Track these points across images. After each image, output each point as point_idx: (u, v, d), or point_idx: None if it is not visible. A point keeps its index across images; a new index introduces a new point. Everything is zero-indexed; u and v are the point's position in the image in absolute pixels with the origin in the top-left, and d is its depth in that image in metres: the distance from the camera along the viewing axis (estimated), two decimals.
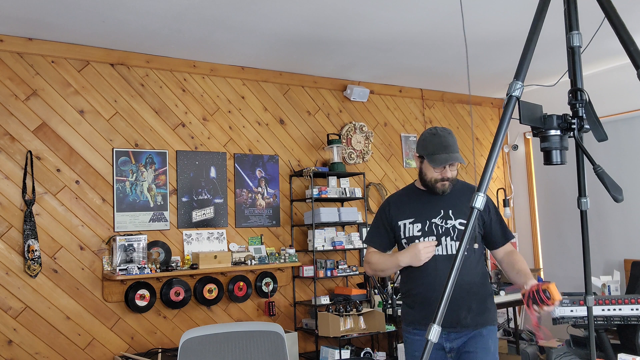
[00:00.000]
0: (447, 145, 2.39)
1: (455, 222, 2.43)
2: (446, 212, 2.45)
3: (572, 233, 5.43)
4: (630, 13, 3.64)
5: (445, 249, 2.41)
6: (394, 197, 2.62)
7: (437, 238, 2.40)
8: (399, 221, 2.50)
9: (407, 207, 2.51)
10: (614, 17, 1.42)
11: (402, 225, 2.49)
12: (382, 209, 2.60)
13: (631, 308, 3.49)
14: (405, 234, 2.47)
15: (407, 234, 2.46)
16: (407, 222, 2.48)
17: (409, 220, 2.48)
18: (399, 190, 2.72)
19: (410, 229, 2.46)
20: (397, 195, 2.64)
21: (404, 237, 2.48)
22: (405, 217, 2.49)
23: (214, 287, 4.19)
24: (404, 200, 2.56)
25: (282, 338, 2.32)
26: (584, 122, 1.49)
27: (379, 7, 3.46)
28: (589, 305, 1.62)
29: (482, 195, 1.33)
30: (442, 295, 1.33)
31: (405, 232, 2.47)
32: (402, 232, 2.48)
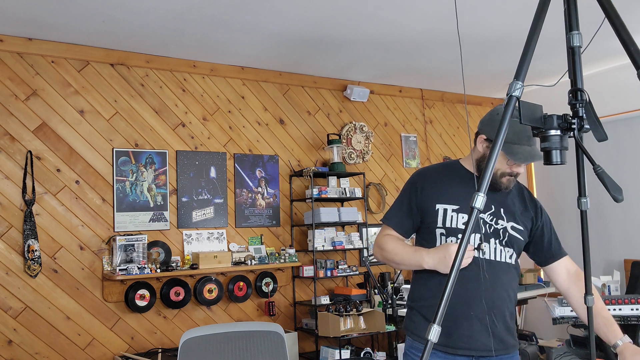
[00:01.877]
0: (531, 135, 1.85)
1: (507, 223, 1.99)
2: (497, 209, 1.99)
3: (572, 233, 5.41)
4: (630, 13, 3.64)
5: (493, 253, 1.96)
6: (430, 173, 2.08)
7: (483, 238, 1.94)
8: (438, 204, 1.97)
9: (449, 188, 1.99)
10: (614, 17, 1.42)
11: (440, 211, 1.96)
12: (411, 184, 2.06)
13: (631, 308, 3.49)
14: (445, 223, 1.95)
15: (447, 224, 1.95)
16: (449, 208, 1.96)
17: (453, 207, 1.95)
18: (436, 165, 2.17)
19: (453, 219, 1.95)
20: (435, 171, 2.09)
21: (442, 227, 1.96)
22: (446, 200, 1.97)
23: (214, 287, 4.19)
24: (445, 179, 2.03)
25: (282, 338, 2.32)
26: (584, 122, 1.48)
27: (379, 7, 3.46)
28: (589, 305, 1.61)
29: (482, 195, 1.32)
30: (443, 294, 1.33)
31: (444, 221, 1.96)
32: (439, 219, 1.96)
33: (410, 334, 2.02)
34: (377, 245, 2.10)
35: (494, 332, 1.90)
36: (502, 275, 1.95)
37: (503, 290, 1.95)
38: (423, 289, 2.01)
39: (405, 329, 2.07)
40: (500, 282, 1.93)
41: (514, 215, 2.01)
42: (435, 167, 2.13)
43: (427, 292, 1.98)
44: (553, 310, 3.67)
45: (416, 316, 2.01)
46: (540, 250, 2.08)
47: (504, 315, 1.94)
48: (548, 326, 5.25)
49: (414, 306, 2.04)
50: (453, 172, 2.05)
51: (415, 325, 2.00)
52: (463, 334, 1.90)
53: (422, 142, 5.68)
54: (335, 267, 4.74)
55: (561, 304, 3.66)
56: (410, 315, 2.05)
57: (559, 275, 2.05)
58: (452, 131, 5.92)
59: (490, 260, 1.94)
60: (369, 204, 5.20)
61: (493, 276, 1.90)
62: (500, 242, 1.97)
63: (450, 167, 2.09)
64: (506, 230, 1.98)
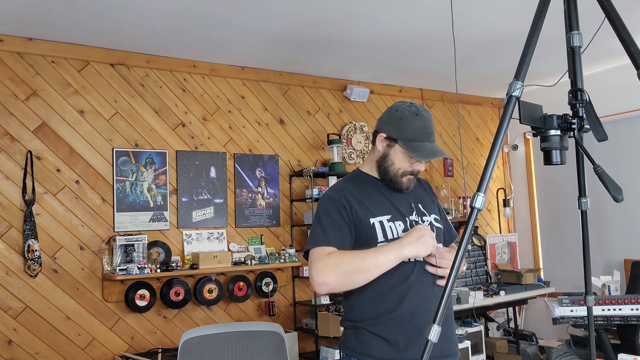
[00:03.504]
0: (431, 132, 1.88)
1: (430, 217, 1.96)
2: (417, 206, 1.95)
3: (572, 233, 5.43)
4: (630, 13, 3.64)
5: None
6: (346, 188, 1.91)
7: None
8: (371, 218, 1.84)
9: (371, 200, 1.90)
10: (614, 17, 1.42)
11: (377, 225, 1.84)
12: (336, 201, 1.86)
13: (631, 308, 3.49)
14: (387, 235, 1.84)
15: (389, 235, 1.84)
16: (384, 219, 1.86)
17: (387, 218, 1.86)
18: (345, 180, 1.99)
19: (392, 229, 1.85)
20: (350, 186, 1.93)
21: (385, 240, 1.83)
22: (376, 213, 1.86)
23: (214, 287, 4.19)
24: (363, 192, 1.91)
25: (282, 338, 2.33)
26: (584, 122, 1.49)
27: (379, 7, 3.46)
28: (589, 305, 1.62)
29: (482, 195, 1.32)
30: (443, 294, 1.33)
31: (385, 233, 1.84)
32: (379, 233, 1.83)
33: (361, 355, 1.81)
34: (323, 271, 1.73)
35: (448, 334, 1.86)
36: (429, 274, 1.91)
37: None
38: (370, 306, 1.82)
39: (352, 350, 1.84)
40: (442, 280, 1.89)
41: (430, 207, 1.99)
42: (347, 182, 1.97)
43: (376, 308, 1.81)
44: (553, 310, 3.67)
45: (365, 335, 1.81)
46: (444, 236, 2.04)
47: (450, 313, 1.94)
48: (548, 326, 5.25)
49: (360, 326, 1.83)
50: (363, 183, 1.95)
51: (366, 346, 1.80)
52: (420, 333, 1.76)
53: None
54: None
55: (561, 304, 3.66)
56: (358, 335, 1.83)
57: None
58: (452, 131, 5.92)
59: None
60: None
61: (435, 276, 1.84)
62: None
63: (360, 178, 1.98)
64: (432, 224, 1.94)
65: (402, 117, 1.86)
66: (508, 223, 6.16)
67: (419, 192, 2.00)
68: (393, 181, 1.90)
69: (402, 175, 1.89)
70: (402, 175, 1.89)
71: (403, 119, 1.86)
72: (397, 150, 1.87)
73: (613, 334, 4.36)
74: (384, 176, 1.92)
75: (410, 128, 1.84)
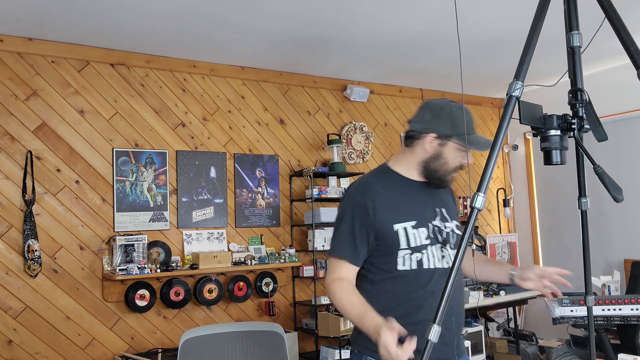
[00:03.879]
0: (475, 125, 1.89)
1: (452, 224, 1.91)
2: (441, 211, 1.90)
3: (572, 233, 5.43)
4: (630, 13, 3.64)
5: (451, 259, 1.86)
6: (371, 187, 1.85)
7: (441, 245, 1.85)
8: (395, 224, 1.79)
9: (398, 203, 1.83)
10: (614, 17, 1.42)
11: (400, 231, 1.79)
12: (358, 205, 1.81)
13: (631, 308, 3.49)
14: (410, 243, 1.79)
15: (412, 243, 1.79)
16: (408, 225, 1.80)
17: (411, 224, 1.81)
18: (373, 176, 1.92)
19: (416, 236, 1.80)
20: (376, 184, 1.86)
21: (407, 247, 1.79)
22: (401, 218, 1.80)
23: (214, 287, 4.19)
24: (389, 192, 1.84)
25: (282, 338, 2.32)
26: (584, 122, 1.48)
27: (379, 7, 3.46)
28: (589, 305, 1.61)
29: (482, 196, 1.32)
30: (443, 294, 1.33)
31: (409, 241, 1.79)
32: (402, 241, 1.79)
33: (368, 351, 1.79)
34: (326, 289, 1.84)
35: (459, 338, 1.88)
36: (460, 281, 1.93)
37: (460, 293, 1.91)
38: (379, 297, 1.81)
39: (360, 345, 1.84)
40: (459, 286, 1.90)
41: (452, 213, 1.95)
42: (372, 178, 1.90)
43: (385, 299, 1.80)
44: (553, 310, 3.67)
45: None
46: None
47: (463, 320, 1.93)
48: (548, 326, 5.25)
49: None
50: (392, 181, 1.89)
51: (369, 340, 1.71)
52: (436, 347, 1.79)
53: None
54: None
55: (561, 304, 3.66)
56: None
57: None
58: None
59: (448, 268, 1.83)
60: None
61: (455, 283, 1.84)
62: (451, 246, 1.87)
63: (388, 176, 1.91)
64: (454, 231, 1.91)
65: (450, 113, 1.83)
66: (508, 223, 6.16)
67: (444, 196, 1.97)
68: (442, 179, 1.86)
69: (452, 171, 1.87)
70: (452, 172, 1.87)
71: (452, 115, 1.82)
72: (451, 147, 1.83)
73: (613, 334, 4.36)
74: (431, 176, 1.87)
75: (461, 122, 1.80)
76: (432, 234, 1.84)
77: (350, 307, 1.74)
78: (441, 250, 1.84)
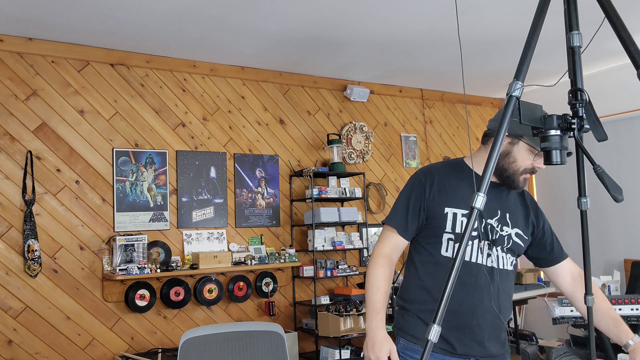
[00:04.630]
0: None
1: (512, 230, 1.92)
2: (503, 214, 1.91)
3: (572, 233, 5.42)
4: (630, 13, 3.64)
5: (497, 260, 1.87)
6: (437, 172, 1.93)
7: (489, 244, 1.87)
8: (447, 207, 1.86)
9: (457, 191, 1.88)
10: (614, 17, 1.42)
11: (450, 215, 1.86)
12: (419, 184, 1.91)
13: (631, 308, 3.49)
14: (455, 229, 1.85)
15: (457, 229, 1.85)
16: (459, 212, 1.85)
17: (463, 212, 1.85)
18: (442, 164, 2.01)
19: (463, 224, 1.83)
20: (442, 171, 1.94)
21: (451, 232, 1.85)
22: (455, 204, 1.86)
23: (214, 287, 4.19)
24: (453, 181, 1.91)
25: (282, 338, 2.32)
26: (584, 122, 1.48)
27: (379, 7, 3.46)
28: (589, 305, 1.61)
29: (482, 195, 1.32)
30: (443, 294, 1.32)
31: (454, 226, 1.85)
32: (448, 224, 1.85)
33: (405, 335, 1.92)
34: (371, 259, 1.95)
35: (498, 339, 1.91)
36: (505, 284, 1.91)
37: (506, 299, 1.92)
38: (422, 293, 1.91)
39: (399, 329, 1.96)
40: (504, 290, 1.90)
41: (518, 220, 1.95)
42: (442, 166, 1.98)
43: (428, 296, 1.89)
44: (553, 310, 3.67)
45: (413, 318, 1.92)
46: (542, 254, 2.03)
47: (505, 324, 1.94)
48: (548, 326, 5.25)
49: (409, 308, 1.94)
50: (460, 173, 1.93)
51: (411, 327, 1.91)
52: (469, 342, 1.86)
53: (422, 142, 5.68)
54: (335, 267, 4.74)
55: (561, 304, 3.66)
56: (405, 316, 1.94)
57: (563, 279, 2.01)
58: (452, 131, 5.93)
59: (495, 268, 1.87)
60: (369, 204, 5.20)
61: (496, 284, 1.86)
62: (503, 249, 1.90)
63: (457, 167, 1.97)
64: (510, 237, 1.91)
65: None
66: None
67: (515, 203, 1.97)
68: (511, 178, 1.86)
69: (522, 173, 1.86)
70: (522, 174, 1.86)
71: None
72: (521, 147, 1.83)
73: None
74: (500, 174, 1.88)
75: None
76: (482, 229, 1.86)
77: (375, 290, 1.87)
78: (488, 248, 1.86)
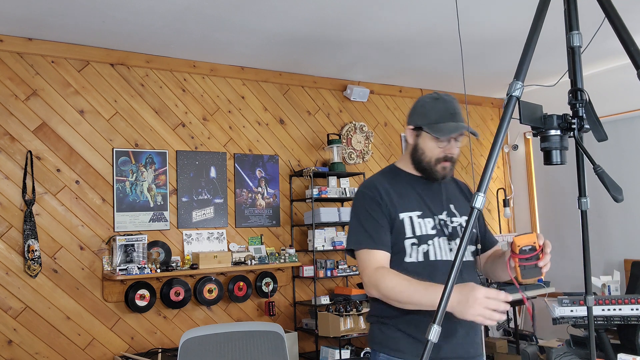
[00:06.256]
0: (455, 112, 1.85)
1: (460, 219, 1.91)
2: (448, 206, 1.92)
3: (572, 233, 5.43)
4: (630, 13, 3.64)
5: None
6: (379, 182, 1.90)
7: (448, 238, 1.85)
8: (401, 213, 1.83)
9: (404, 196, 1.87)
10: (614, 17, 1.42)
11: (406, 220, 1.83)
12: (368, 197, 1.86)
13: (631, 308, 3.49)
14: (415, 232, 1.82)
15: (417, 232, 1.82)
16: (414, 215, 1.84)
17: (417, 214, 1.84)
18: (379, 175, 1.98)
19: (422, 225, 1.83)
20: (384, 180, 1.92)
21: (413, 236, 1.82)
22: (407, 208, 1.84)
23: (214, 287, 4.19)
24: (396, 187, 1.90)
25: (282, 338, 2.32)
26: (584, 122, 1.48)
27: (379, 7, 3.46)
28: (589, 305, 1.61)
29: (482, 195, 1.32)
30: (443, 294, 1.32)
31: (414, 229, 1.82)
32: (407, 229, 1.82)
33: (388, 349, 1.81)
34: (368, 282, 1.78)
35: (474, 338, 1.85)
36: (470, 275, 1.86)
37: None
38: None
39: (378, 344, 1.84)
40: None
41: (463, 208, 1.94)
42: (380, 177, 1.95)
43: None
44: (553, 310, 3.67)
45: (392, 330, 1.81)
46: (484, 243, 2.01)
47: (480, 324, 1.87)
48: (548, 326, 5.25)
49: (387, 322, 1.83)
50: (398, 177, 1.94)
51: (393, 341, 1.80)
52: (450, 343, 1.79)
53: None
54: (335, 267, 4.75)
55: (561, 304, 3.66)
56: (384, 330, 1.83)
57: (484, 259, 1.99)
58: None
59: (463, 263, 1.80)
60: None
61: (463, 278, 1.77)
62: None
63: (393, 173, 1.97)
64: (462, 226, 1.89)
65: (423, 104, 1.89)
66: (508, 223, 6.16)
67: (453, 192, 1.99)
68: (428, 170, 1.88)
69: (436, 162, 1.86)
70: (436, 163, 1.86)
71: (424, 106, 1.88)
72: (425, 138, 1.86)
73: (613, 334, 4.36)
74: (419, 168, 1.91)
75: (432, 111, 1.84)
76: (438, 225, 1.85)
77: (407, 282, 1.68)
78: (448, 243, 1.84)
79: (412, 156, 1.92)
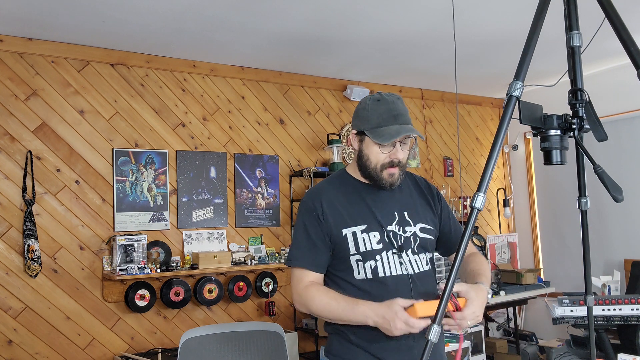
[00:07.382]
0: (398, 114, 1.72)
1: (414, 227, 1.79)
2: (401, 214, 1.80)
3: (572, 233, 5.43)
4: (630, 13, 3.64)
5: (410, 265, 1.75)
6: (325, 192, 1.81)
7: (398, 251, 1.74)
8: (344, 229, 1.73)
9: (350, 207, 1.77)
10: (614, 17, 1.42)
11: (349, 236, 1.73)
12: (310, 210, 1.79)
13: (631, 308, 3.49)
14: (359, 248, 1.72)
15: (361, 248, 1.72)
16: (357, 230, 1.74)
17: (361, 228, 1.74)
18: (326, 182, 1.88)
19: (365, 241, 1.73)
20: (328, 190, 1.82)
21: (357, 253, 1.72)
22: (352, 222, 1.74)
23: (214, 287, 4.19)
24: (341, 198, 1.79)
25: (282, 338, 2.33)
26: (584, 122, 1.49)
27: (379, 7, 3.46)
28: (589, 305, 1.62)
29: (482, 196, 1.32)
30: (443, 294, 1.33)
31: (357, 246, 1.73)
32: (351, 246, 1.73)
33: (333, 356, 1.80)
34: (298, 301, 1.75)
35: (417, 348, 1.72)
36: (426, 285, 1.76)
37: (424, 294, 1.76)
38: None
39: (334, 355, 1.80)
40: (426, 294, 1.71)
41: (419, 214, 1.83)
42: (328, 185, 1.85)
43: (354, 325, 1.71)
44: (553, 310, 3.67)
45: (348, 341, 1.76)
46: (445, 241, 1.91)
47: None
48: (548, 326, 5.26)
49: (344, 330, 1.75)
50: (345, 186, 1.83)
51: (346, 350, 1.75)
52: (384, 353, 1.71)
53: (422, 142, 5.68)
54: None
55: (561, 304, 3.66)
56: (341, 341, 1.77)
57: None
58: (452, 131, 5.92)
59: (412, 274, 1.73)
60: None
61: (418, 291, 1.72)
62: (413, 251, 1.76)
63: (341, 180, 1.86)
64: (416, 235, 1.78)
65: (364, 107, 1.78)
66: (508, 223, 6.16)
67: (407, 197, 1.86)
68: (374, 177, 1.76)
69: (382, 169, 1.75)
70: (382, 169, 1.75)
71: (366, 109, 1.77)
72: (368, 143, 1.76)
73: (613, 334, 4.37)
74: (365, 175, 1.80)
75: (374, 115, 1.73)
76: (386, 238, 1.74)
77: (335, 302, 1.66)
78: (398, 257, 1.74)
79: (358, 163, 1.81)
